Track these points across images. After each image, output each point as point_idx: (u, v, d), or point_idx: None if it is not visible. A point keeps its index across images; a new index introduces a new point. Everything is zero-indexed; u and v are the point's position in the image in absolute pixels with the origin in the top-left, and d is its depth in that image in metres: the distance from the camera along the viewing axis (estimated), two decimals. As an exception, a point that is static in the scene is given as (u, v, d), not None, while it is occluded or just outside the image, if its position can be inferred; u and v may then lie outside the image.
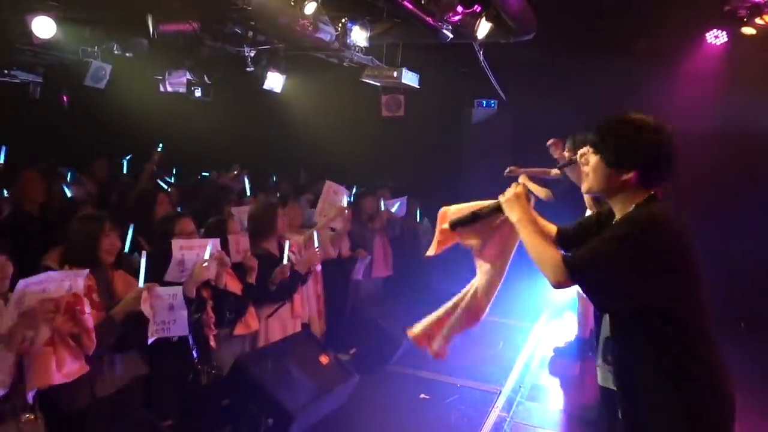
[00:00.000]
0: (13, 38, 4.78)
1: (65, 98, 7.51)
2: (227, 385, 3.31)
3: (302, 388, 3.47)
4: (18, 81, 6.91)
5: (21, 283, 2.25)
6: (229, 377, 3.31)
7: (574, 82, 6.66)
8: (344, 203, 4.95)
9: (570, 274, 1.86)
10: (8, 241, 2.54)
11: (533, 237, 1.98)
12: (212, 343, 3.31)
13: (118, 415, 2.82)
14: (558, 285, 1.91)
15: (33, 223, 4.04)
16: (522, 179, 3.28)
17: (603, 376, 3.10)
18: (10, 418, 2.32)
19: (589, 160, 1.97)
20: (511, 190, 2.08)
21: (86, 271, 2.53)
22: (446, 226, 2.33)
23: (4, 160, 5.45)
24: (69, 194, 5.01)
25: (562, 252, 1.95)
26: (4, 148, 5.52)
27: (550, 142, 5.22)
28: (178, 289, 2.88)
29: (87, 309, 2.42)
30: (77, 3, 4.35)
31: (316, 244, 4.21)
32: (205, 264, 3.04)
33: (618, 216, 1.95)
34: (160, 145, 6.33)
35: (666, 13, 5.91)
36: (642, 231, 1.81)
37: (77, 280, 2.42)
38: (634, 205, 1.89)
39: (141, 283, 2.77)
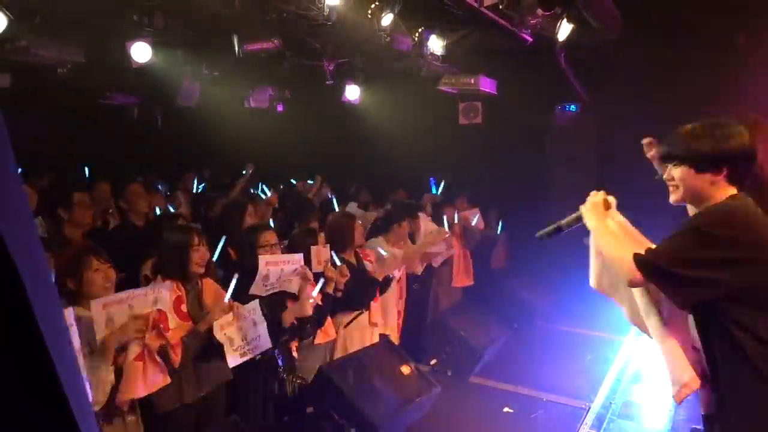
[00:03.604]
0: (114, 64, 5.18)
1: (159, 118, 8.03)
2: (311, 393, 3.36)
3: (384, 398, 3.46)
4: (118, 103, 7.46)
5: (97, 302, 2.34)
6: (312, 386, 3.37)
7: (664, 83, 6.30)
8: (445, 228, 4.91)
9: (641, 268, 1.84)
10: (114, 250, 2.71)
11: (605, 240, 2.02)
12: (295, 353, 3.38)
13: (204, 420, 2.93)
14: (632, 283, 1.91)
15: (138, 234, 4.30)
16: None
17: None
18: (116, 418, 2.49)
19: (672, 175, 1.96)
20: (591, 199, 2.13)
21: (169, 282, 2.64)
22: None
23: (89, 178, 5.85)
24: (169, 208, 5.30)
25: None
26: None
27: (645, 141, 4.81)
28: (255, 303, 2.94)
29: (171, 325, 2.51)
30: (170, 29, 4.63)
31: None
32: (312, 301, 3.14)
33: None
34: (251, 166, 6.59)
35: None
36: (711, 222, 1.82)
37: (162, 292, 2.52)
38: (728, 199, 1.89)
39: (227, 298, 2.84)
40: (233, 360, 2.78)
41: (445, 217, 5.18)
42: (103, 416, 2.41)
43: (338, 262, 3.60)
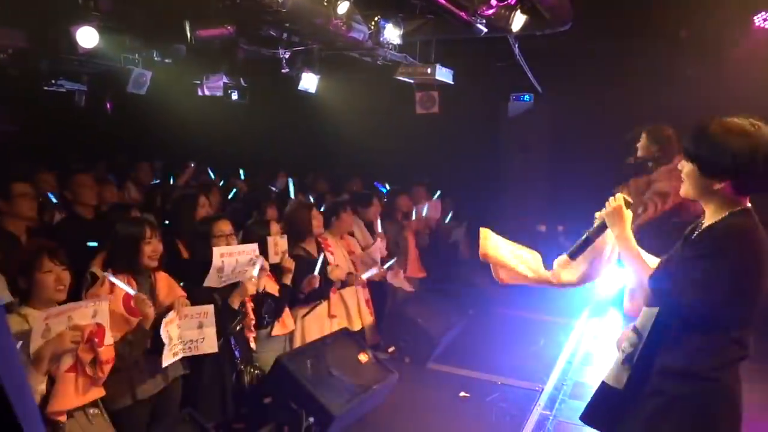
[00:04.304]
0: (58, 49, 4.97)
1: (109, 105, 7.75)
2: (268, 384, 3.36)
3: (342, 386, 3.49)
4: (64, 90, 7.17)
5: (43, 314, 2.30)
6: (269, 376, 3.36)
7: (614, 74, 6.49)
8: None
9: (653, 295, 1.94)
10: (63, 248, 2.61)
11: (628, 254, 2.06)
12: (252, 344, 3.36)
13: (160, 414, 2.89)
14: (647, 304, 2.00)
15: (86, 227, 4.15)
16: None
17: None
18: (78, 411, 2.44)
19: (684, 166, 1.94)
20: (611, 204, 2.11)
21: (107, 296, 2.58)
22: (499, 255, 2.38)
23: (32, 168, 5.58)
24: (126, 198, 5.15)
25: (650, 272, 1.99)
26: None
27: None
28: (210, 308, 2.90)
29: (106, 341, 2.46)
30: (117, 13, 4.47)
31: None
32: (254, 279, 3.09)
33: (707, 221, 1.91)
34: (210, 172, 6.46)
35: (709, -3, 5.70)
36: (725, 254, 1.80)
37: (102, 305, 2.45)
38: (727, 213, 1.85)
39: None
40: (165, 359, 2.74)
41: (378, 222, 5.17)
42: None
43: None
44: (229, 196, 6.10)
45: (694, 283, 1.81)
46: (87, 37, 4.55)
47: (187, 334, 2.81)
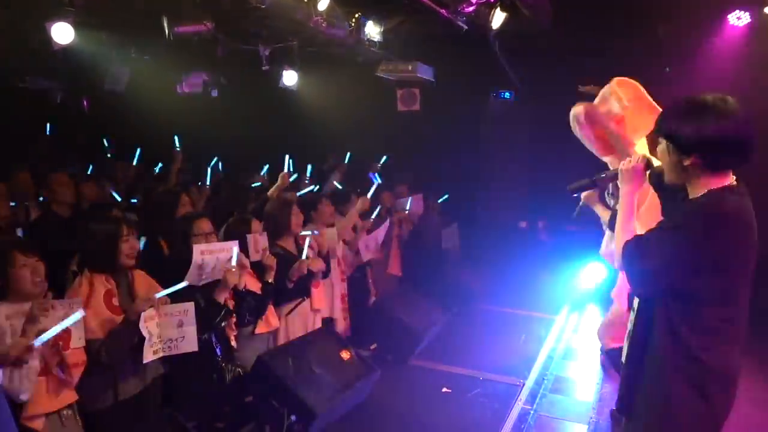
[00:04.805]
0: (32, 45, 4.88)
1: (86, 103, 7.64)
2: (250, 382, 3.34)
3: (324, 384, 3.48)
4: (39, 87, 7.04)
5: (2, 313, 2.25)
6: (251, 375, 3.34)
7: (593, 71, 6.54)
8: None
9: (622, 258, 1.91)
10: (38, 243, 2.57)
11: (622, 214, 2.00)
12: (233, 342, 3.34)
13: (140, 414, 2.86)
14: (619, 268, 1.96)
15: (63, 225, 4.09)
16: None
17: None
18: (52, 414, 2.40)
19: (659, 144, 1.95)
20: (634, 159, 2.05)
21: (80, 299, 2.52)
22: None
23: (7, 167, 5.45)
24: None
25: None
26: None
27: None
28: (190, 306, 2.86)
29: (72, 345, 2.41)
30: (93, 8, 4.40)
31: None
32: (233, 269, 3.07)
33: (690, 197, 1.92)
34: (176, 140, 6.18)
35: (686, -6, 5.78)
36: (693, 228, 1.79)
37: (73, 308, 2.38)
38: (707, 190, 1.84)
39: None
40: (145, 356, 2.70)
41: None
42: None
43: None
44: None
45: (640, 251, 1.86)
46: (62, 33, 4.47)
47: (166, 332, 2.77)
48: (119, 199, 4.96)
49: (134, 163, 6.22)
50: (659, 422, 1.95)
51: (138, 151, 6.16)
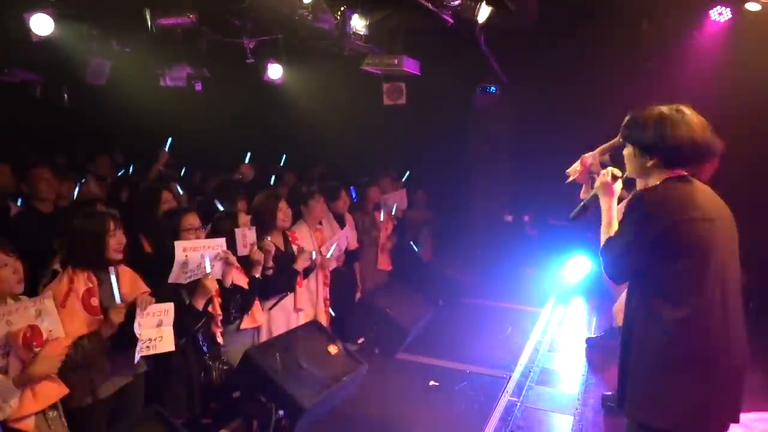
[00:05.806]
0: (11, 37, 4.77)
1: (66, 96, 7.50)
2: (237, 378, 3.32)
3: (312, 378, 3.47)
4: (18, 80, 6.90)
5: None
6: (238, 370, 3.32)
7: (577, 66, 6.60)
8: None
9: (601, 251, 2.20)
10: (18, 241, 2.51)
11: (603, 220, 2.28)
12: (219, 339, 3.31)
13: (123, 412, 2.83)
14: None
15: (44, 221, 4.00)
16: (591, 159, 3.16)
17: None
18: (38, 415, 2.36)
19: (626, 149, 2.26)
20: (600, 179, 2.36)
21: (50, 293, 2.47)
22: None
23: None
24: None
25: None
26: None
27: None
28: (170, 306, 2.83)
29: (43, 340, 2.34)
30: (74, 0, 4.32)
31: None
32: (211, 276, 3.03)
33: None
34: (169, 142, 6.08)
35: (669, -9, 5.84)
36: (633, 209, 2.09)
37: (45, 302, 2.34)
38: (661, 181, 2.13)
39: (117, 298, 2.67)
40: (137, 354, 2.69)
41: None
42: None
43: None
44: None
45: (609, 241, 2.16)
46: (41, 24, 4.38)
47: (146, 332, 2.74)
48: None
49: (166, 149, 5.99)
50: (649, 404, 2.07)
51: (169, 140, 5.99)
